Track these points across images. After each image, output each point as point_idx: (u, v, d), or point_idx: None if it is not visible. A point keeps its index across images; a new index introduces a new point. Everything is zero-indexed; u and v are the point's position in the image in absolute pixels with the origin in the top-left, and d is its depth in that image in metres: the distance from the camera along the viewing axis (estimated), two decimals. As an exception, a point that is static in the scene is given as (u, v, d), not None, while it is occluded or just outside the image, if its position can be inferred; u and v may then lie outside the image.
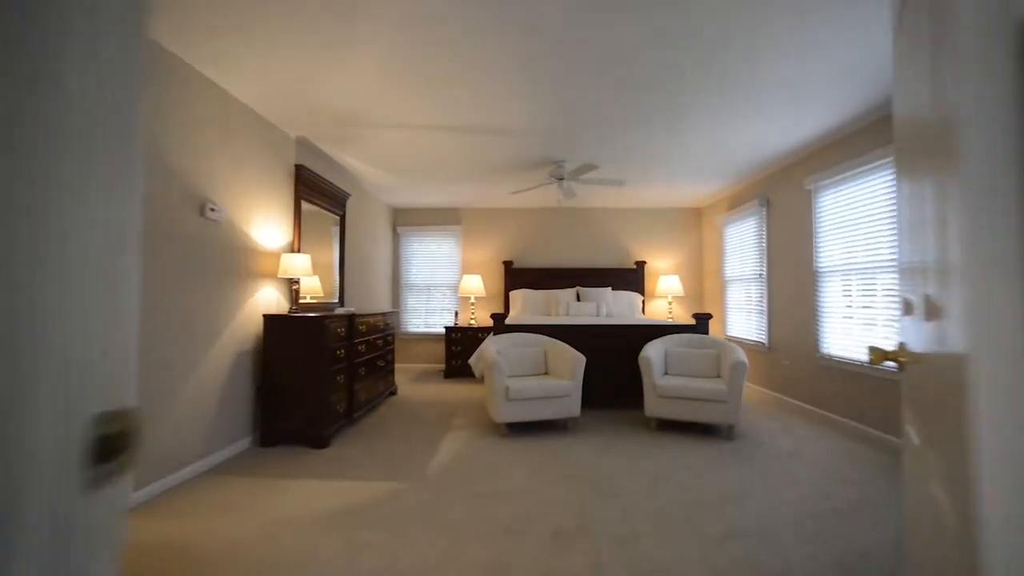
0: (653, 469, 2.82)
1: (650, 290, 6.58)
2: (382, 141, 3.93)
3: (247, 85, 2.91)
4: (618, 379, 4.24)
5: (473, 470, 2.82)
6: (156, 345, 2.42)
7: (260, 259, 3.34)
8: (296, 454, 3.09)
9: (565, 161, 4.39)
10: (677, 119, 3.50)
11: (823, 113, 3.35)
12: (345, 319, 3.63)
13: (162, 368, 2.47)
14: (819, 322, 4.01)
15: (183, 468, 2.60)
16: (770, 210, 4.83)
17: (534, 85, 3.00)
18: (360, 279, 5.43)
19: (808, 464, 2.90)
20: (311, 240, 4.28)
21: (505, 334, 4.14)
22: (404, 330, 6.74)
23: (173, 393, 2.54)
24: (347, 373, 3.62)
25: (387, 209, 6.53)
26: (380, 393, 4.43)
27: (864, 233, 3.53)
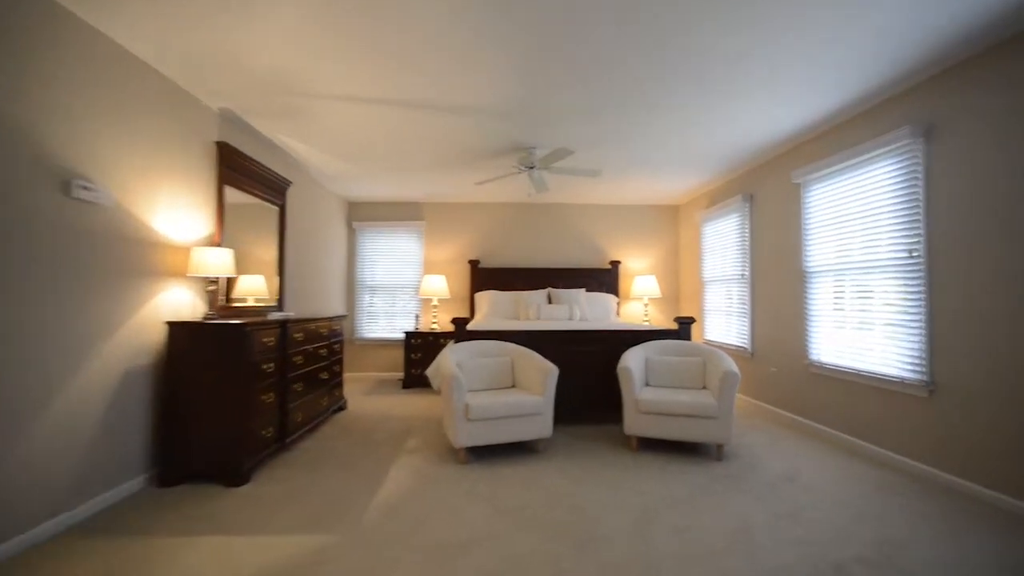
0: (639, 504, 2.39)
1: (625, 291, 6.23)
2: (326, 118, 3.36)
3: (142, 36, 2.31)
4: (594, 390, 3.81)
5: (424, 511, 2.31)
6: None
7: (166, 254, 2.72)
8: (204, 495, 2.49)
9: (536, 147, 3.94)
10: (656, 104, 3.12)
11: (814, 100, 3.03)
12: (277, 326, 3.05)
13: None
14: (808, 326, 3.71)
15: (31, 529, 1.98)
16: (754, 206, 4.53)
17: (500, 58, 2.55)
18: (307, 280, 4.81)
19: (810, 491, 2.54)
20: (248, 234, 3.67)
21: (467, 342, 3.65)
22: (359, 336, 6.13)
23: (19, 429, 1.92)
24: (278, 391, 3.04)
25: (341, 202, 5.91)
26: (323, 410, 3.85)
27: (859, 230, 3.24)
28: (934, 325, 2.70)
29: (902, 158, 2.91)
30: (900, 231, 2.92)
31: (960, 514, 2.27)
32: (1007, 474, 2.30)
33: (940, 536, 2.08)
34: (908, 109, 2.87)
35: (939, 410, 2.65)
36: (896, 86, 2.85)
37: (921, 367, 2.76)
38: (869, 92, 2.94)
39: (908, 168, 2.87)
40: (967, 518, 2.23)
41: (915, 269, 2.82)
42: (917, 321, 2.79)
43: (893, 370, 2.95)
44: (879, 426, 3.03)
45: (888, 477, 2.73)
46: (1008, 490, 2.29)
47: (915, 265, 2.81)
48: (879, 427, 3.03)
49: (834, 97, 3.01)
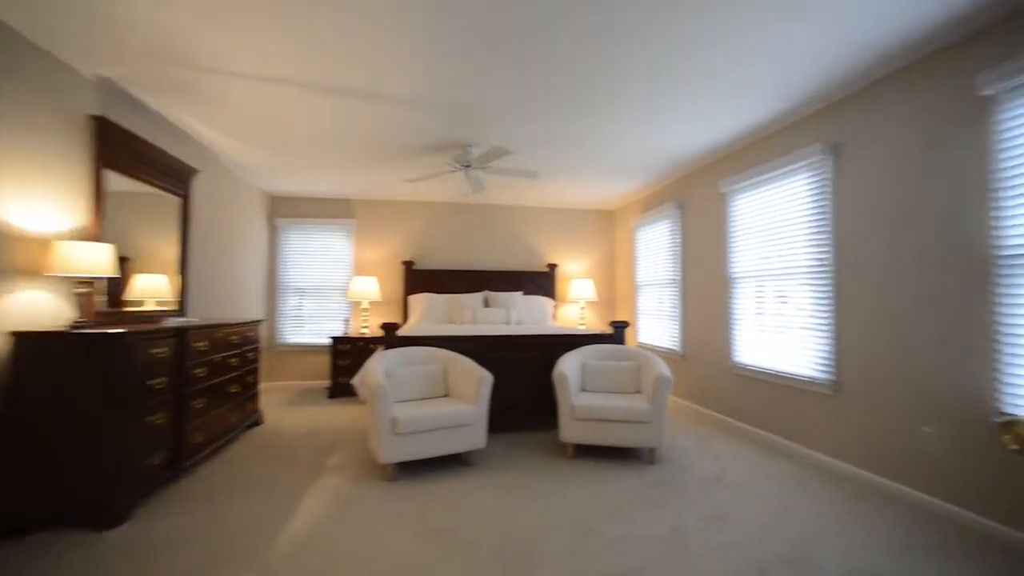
0: (574, 517, 2.31)
1: (562, 295, 6.25)
2: (239, 100, 3.00)
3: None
4: (531, 396, 3.73)
5: (343, 541, 2.08)
6: None
7: (15, 248, 2.24)
8: (61, 547, 2.01)
9: (472, 146, 3.80)
10: (592, 111, 3.11)
11: (741, 113, 3.16)
12: (172, 335, 2.65)
13: None
14: (732, 330, 3.88)
15: None
16: (685, 213, 4.70)
17: (438, 51, 2.40)
18: (219, 281, 4.31)
19: (736, 491, 2.61)
20: (143, 226, 3.20)
21: (398, 348, 3.42)
22: (282, 342, 5.63)
23: None
24: (171, 410, 2.64)
25: (261, 196, 5.39)
26: (233, 428, 3.44)
27: (778, 238, 3.43)
28: (839, 328, 2.90)
29: (814, 173, 3.11)
30: (813, 241, 3.11)
31: (863, 503, 2.44)
32: (900, 464, 2.50)
33: (848, 525, 2.21)
34: (819, 128, 3.07)
35: (843, 407, 2.85)
36: (809, 107, 3.05)
37: (828, 367, 2.95)
38: (786, 111, 3.11)
39: (819, 183, 3.07)
40: (871, 506, 2.40)
41: (824, 276, 3.01)
42: (826, 325, 2.99)
43: (806, 370, 3.14)
44: (795, 423, 3.21)
45: (802, 472, 2.89)
46: (902, 479, 2.49)
47: (824, 273, 3.01)
48: (795, 424, 3.21)
49: (757, 113, 3.16)
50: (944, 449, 2.31)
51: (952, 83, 2.32)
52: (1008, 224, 2.09)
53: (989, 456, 2.12)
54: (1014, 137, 2.07)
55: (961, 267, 2.27)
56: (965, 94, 2.25)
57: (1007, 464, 2.05)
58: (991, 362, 2.13)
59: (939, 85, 2.38)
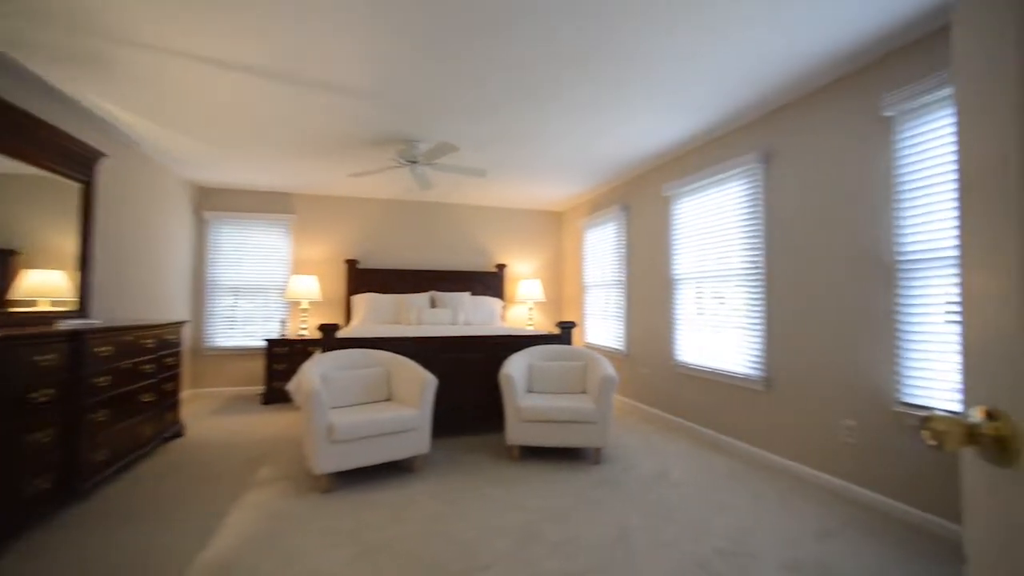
0: (519, 521, 2.26)
1: (511, 295, 6.22)
2: (154, 77, 2.69)
3: None
4: (477, 398, 3.65)
5: (267, 563, 1.90)
6: None
7: None
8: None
9: (419, 141, 3.66)
10: (541, 109, 3.08)
11: (681, 119, 3.26)
12: (61, 339, 2.32)
13: None
14: (674, 329, 4.00)
15: None
16: (630, 216, 4.80)
17: (384, 37, 2.27)
18: (132, 278, 3.88)
19: (679, 488, 2.67)
20: (35, 215, 2.80)
21: (337, 351, 3.22)
22: (210, 344, 5.19)
23: None
24: (61, 425, 2.31)
25: (187, 187, 4.94)
26: (147, 441, 3.09)
27: (716, 242, 3.56)
28: (769, 328, 3.06)
29: (748, 180, 3.26)
30: (747, 245, 3.26)
31: (795, 493, 2.57)
32: (825, 455, 2.66)
33: (782, 515, 2.31)
34: (753, 137, 3.23)
35: (773, 402, 3.01)
36: (745, 117, 3.19)
37: (760, 365, 3.11)
38: (724, 119, 3.24)
39: (753, 189, 3.22)
40: (801, 496, 2.53)
41: (756, 279, 3.16)
42: (758, 324, 3.14)
43: (741, 368, 3.28)
44: (732, 419, 3.35)
45: (738, 465, 3.01)
46: (828, 469, 2.65)
47: (757, 275, 3.16)
48: (732, 420, 3.35)
49: (696, 120, 3.27)
50: (861, 440, 2.47)
51: (862, 103, 2.51)
52: (905, 232, 2.30)
53: (897, 446, 2.30)
54: (910, 155, 2.30)
55: (868, 271, 2.46)
56: (872, 113, 2.45)
57: (915, 453, 2.22)
58: (893, 357, 2.33)
59: (852, 104, 2.57)
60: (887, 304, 2.36)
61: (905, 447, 2.26)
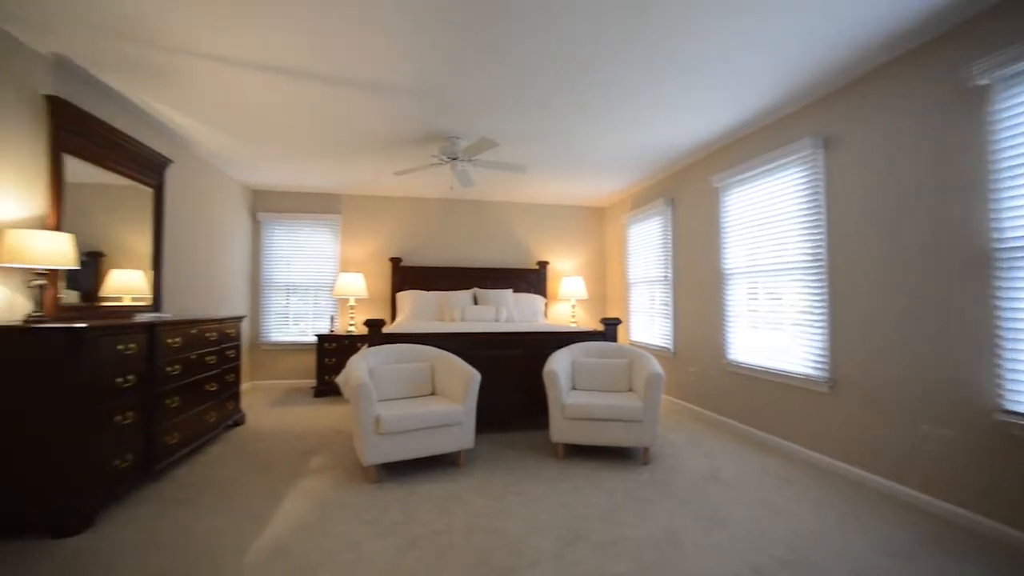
0: (565, 522, 2.22)
1: (553, 292, 6.17)
2: (210, 84, 2.85)
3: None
4: (521, 395, 3.64)
5: (319, 549, 1.97)
6: None
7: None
8: (15, 554, 1.90)
9: (460, 138, 3.69)
10: (584, 104, 3.05)
11: (732, 106, 3.10)
12: (141, 331, 2.51)
13: None
14: (725, 327, 3.82)
15: None
16: (676, 209, 4.64)
17: (422, 34, 2.30)
18: (197, 276, 4.16)
19: (730, 490, 2.54)
20: (119, 220, 3.08)
21: (383, 346, 3.31)
22: (266, 339, 5.48)
23: None
24: (141, 409, 2.50)
25: (243, 190, 5.23)
26: (211, 428, 3.30)
27: (770, 234, 3.37)
28: (834, 325, 2.84)
29: (806, 167, 3.05)
30: (806, 236, 3.06)
31: (861, 503, 2.38)
32: (899, 463, 2.45)
33: (845, 526, 2.14)
34: (811, 121, 3.02)
35: (839, 405, 2.80)
36: (801, 100, 3.00)
37: (824, 365, 2.90)
38: (778, 103, 3.05)
39: (811, 176, 3.01)
40: (869, 506, 2.34)
41: (818, 272, 2.96)
42: (821, 321, 2.93)
43: (800, 367, 3.08)
44: (790, 421, 3.16)
45: (798, 470, 2.83)
46: (901, 479, 2.44)
47: (818, 268, 2.96)
48: (790, 422, 3.16)
49: (748, 106, 3.10)
50: (944, 448, 2.25)
51: (942, 73, 2.27)
52: (1006, 216, 2.04)
53: (991, 455, 2.07)
54: (1010, 127, 2.02)
55: (958, 260, 2.21)
56: (957, 84, 2.21)
57: (1012, 463, 2.00)
58: (992, 357, 2.08)
59: (930, 76, 2.33)
60: (983, 298, 2.11)
61: (1010, 460, 2.01)
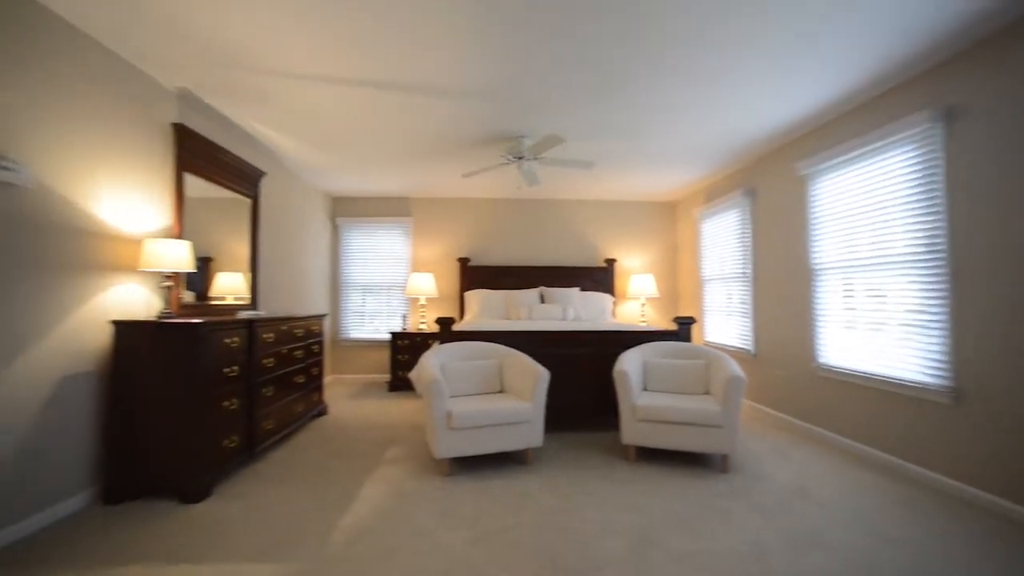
0: (636, 525, 2.15)
1: (621, 291, 6.00)
2: (295, 101, 3.10)
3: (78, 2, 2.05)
4: (589, 395, 3.58)
5: (396, 535, 2.06)
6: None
7: (112, 246, 2.45)
8: (155, 514, 2.23)
9: (525, 136, 3.70)
10: (650, 94, 2.92)
11: (827, 79, 2.80)
12: (242, 327, 2.79)
13: None
14: (815, 327, 3.49)
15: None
16: (755, 200, 4.31)
17: (483, 37, 2.34)
18: (286, 278, 4.55)
19: (826, 508, 2.31)
20: (223, 229, 3.44)
21: (453, 343, 3.40)
22: (344, 336, 5.87)
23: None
24: (244, 397, 2.78)
25: (324, 197, 5.64)
26: (299, 417, 3.59)
27: (870, 223, 3.02)
28: (957, 325, 2.48)
29: (919, 145, 2.69)
30: (918, 225, 2.70)
31: (994, 534, 2.05)
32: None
33: (976, 561, 1.85)
34: (926, 92, 2.65)
35: (965, 418, 2.43)
36: (915, 66, 2.63)
37: (944, 371, 2.53)
38: (885, 73, 2.71)
39: (926, 156, 2.65)
40: (1003, 539, 2.01)
41: (935, 265, 2.60)
42: (939, 321, 2.57)
43: (911, 374, 2.72)
44: (896, 435, 2.81)
45: (908, 491, 2.51)
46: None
47: (935, 260, 2.60)
48: (896, 436, 2.81)
49: (847, 79, 2.78)
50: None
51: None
52: None
53: None
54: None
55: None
56: None
57: None
58: None
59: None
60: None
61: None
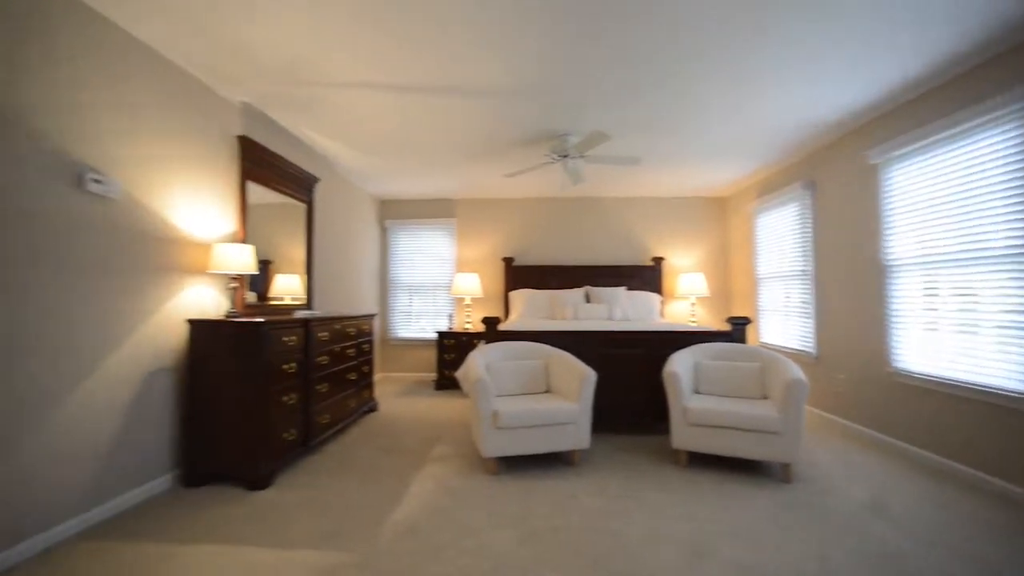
0: (690, 533, 2.06)
1: (670, 290, 5.81)
2: (345, 108, 3.22)
3: (151, 24, 2.22)
4: (636, 397, 3.48)
5: (444, 532, 2.09)
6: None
7: (187, 250, 2.65)
8: (224, 499, 2.39)
9: (569, 134, 3.65)
10: (700, 83, 2.77)
11: (906, 54, 2.56)
12: (299, 325, 2.94)
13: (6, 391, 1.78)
14: (890, 328, 3.21)
15: (43, 531, 1.91)
16: (816, 193, 4.04)
17: (524, 36, 2.32)
18: (338, 279, 4.74)
19: (908, 530, 2.10)
20: (280, 233, 3.62)
21: (498, 343, 3.41)
22: (393, 335, 6.04)
23: (31, 428, 1.86)
24: (301, 392, 2.92)
25: (372, 200, 5.84)
26: (351, 412, 3.73)
27: (957, 214, 2.74)
28: (1062, 327, 2.19)
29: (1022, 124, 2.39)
30: (1019, 215, 2.41)
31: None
32: None
33: (1088, 595, 1.63)
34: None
35: (1070, 431, 2.15)
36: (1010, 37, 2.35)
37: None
38: (984, 41, 2.41)
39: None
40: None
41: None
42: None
43: (1010, 382, 2.43)
44: (988, 449, 2.53)
45: (1003, 513, 2.25)
46: None
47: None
48: (988, 450, 2.53)
49: (933, 52, 2.52)
50: None
51: None
52: None
53: None
54: None
55: None
56: None
57: None
58: None
59: None
60: None
61: None
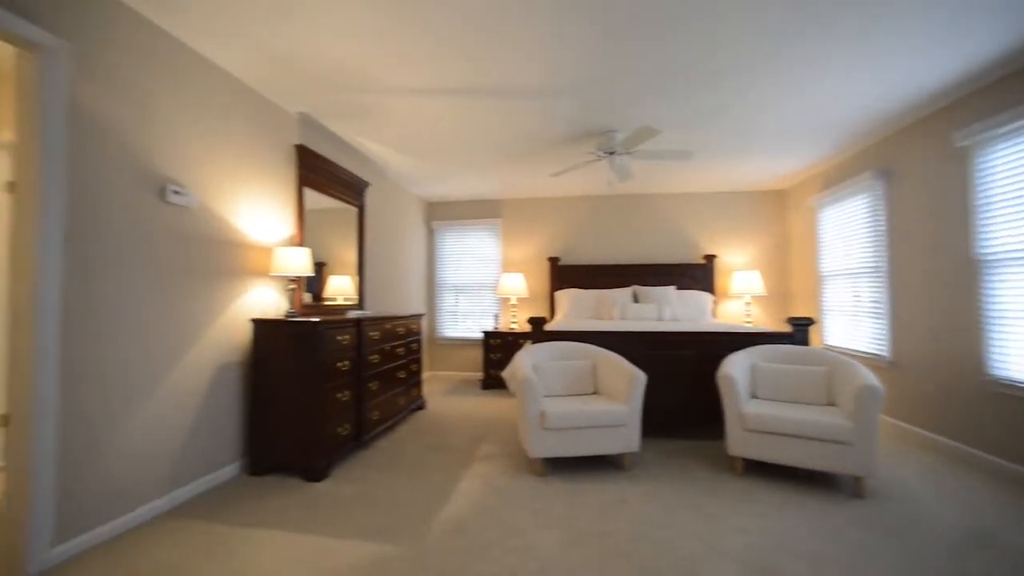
0: (747, 547, 1.94)
1: (723, 289, 5.54)
2: (395, 114, 3.31)
3: (218, 44, 2.38)
4: (688, 400, 3.34)
5: (491, 531, 2.09)
6: (88, 353, 1.92)
7: (250, 254, 2.83)
8: (284, 488, 2.53)
9: (616, 131, 3.56)
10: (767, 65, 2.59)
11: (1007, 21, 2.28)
12: (352, 325, 3.05)
13: (100, 382, 1.97)
14: (987, 332, 2.88)
15: (132, 511, 2.09)
16: (891, 182, 3.70)
17: (567, 32, 2.27)
18: (387, 280, 4.90)
19: (1020, 566, 1.87)
20: (333, 236, 3.79)
21: (545, 343, 3.38)
22: (440, 335, 6.16)
23: (123, 416, 2.04)
24: (353, 389, 3.04)
25: (420, 202, 5.98)
26: (401, 410, 3.83)
27: (1062, 202, 2.42)
28: None
29: None
30: None
31: None
32: None
33: None
34: None
35: None
36: None
37: None
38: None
39: None
40: None
41: None
42: None
43: None
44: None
45: (1125, 541, 1.96)
46: None
47: None
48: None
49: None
50: None
51: None
52: None
53: None
54: None
55: None
56: None
57: None
58: None
59: None
60: None
61: None
